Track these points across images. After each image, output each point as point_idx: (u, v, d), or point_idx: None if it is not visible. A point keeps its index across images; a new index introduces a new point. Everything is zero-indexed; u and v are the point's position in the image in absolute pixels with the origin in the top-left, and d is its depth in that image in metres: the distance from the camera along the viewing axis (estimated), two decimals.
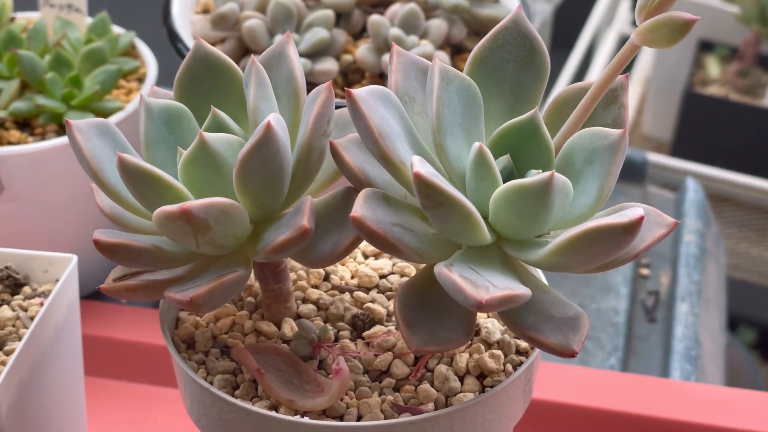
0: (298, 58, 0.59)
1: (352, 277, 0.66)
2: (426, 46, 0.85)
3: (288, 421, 0.55)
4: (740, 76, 1.81)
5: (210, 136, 0.55)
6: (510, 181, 0.53)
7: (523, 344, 0.61)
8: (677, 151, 1.83)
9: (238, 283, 0.56)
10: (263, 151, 0.53)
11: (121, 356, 0.87)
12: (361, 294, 0.64)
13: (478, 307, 0.50)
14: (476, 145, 0.53)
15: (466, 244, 0.55)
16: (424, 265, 0.58)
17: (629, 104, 1.89)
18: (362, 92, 0.54)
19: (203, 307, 0.55)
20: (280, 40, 0.60)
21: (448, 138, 0.55)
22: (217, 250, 0.56)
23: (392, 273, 0.66)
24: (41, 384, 0.67)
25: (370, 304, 0.63)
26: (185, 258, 0.58)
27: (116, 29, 0.95)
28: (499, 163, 0.55)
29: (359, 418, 0.57)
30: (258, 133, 0.53)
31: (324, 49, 0.85)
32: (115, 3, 1.18)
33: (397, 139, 0.54)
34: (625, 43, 0.55)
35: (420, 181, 0.50)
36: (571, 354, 0.53)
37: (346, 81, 0.86)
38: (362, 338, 0.61)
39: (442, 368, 0.59)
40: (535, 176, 0.52)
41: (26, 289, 0.71)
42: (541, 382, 0.85)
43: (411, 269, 0.66)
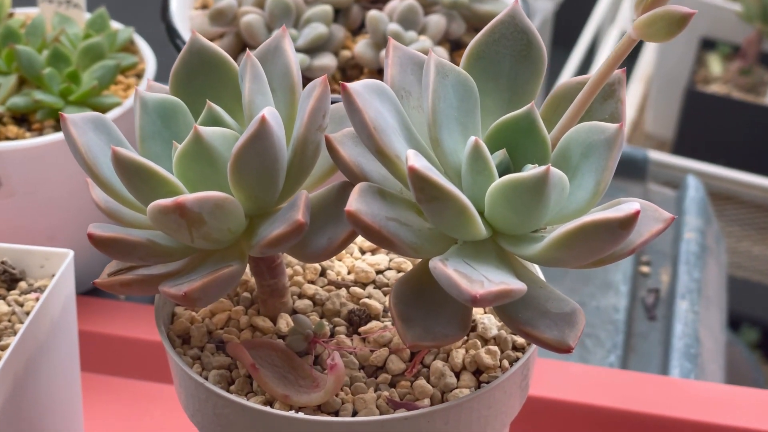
0: (294, 53, 0.59)
1: (348, 273, 0.66)
2: (425, 41, 0.84)
3: (283, 417, 0.55)
4: (742, 74, 1.80)
5: (205, 129, 0.55)
6: (506, 175, 0.53)
7: (520, 340, 0.61)
8: (679, 149, 1.83)
9: (233, 277, 0.55)
10: (258, 144, 0.53)
11: (118, 352, 0.87)
12: (357, 289, 0.64)
13: (473, 301, 0.49)
14: (472, 139, 0.53)
15: (461, 239, 0.55)
16: (420, 260, 0.57)
17: (631, 102, 1.87)
18: (357, 86, 0.54)
19: (198, 301, 0.55)
20: (275, 34, 0.60)
21: (443, 132, 0.55)
22: (212, 245, 0.56)
23: (389, 269, 0.66)
24: (37, 379, 0.67)
25: (366, 300, 0.63)
26: (180, 252, 0.57)
27: (115, 25, 0.95)
28: (495, 158, 0.55)
29: (354, 414, 0.57)
30: (252, 127, 0.53)
31: (322, 45, 0.85)
32: None
33: (393, 133, 0.54)
34: None
35: (414, 174, 0.50)
36: (567, 349, 0.53)
37: (345, 76, 0.86)
38: (358, 334, 0.61)
39: (438, 364, 0.59)
40: (530, 170, 0.51)
41: (22, 284, 0.70)
42: (541, 379, 0.85)
43: (408, 265, 0.66)
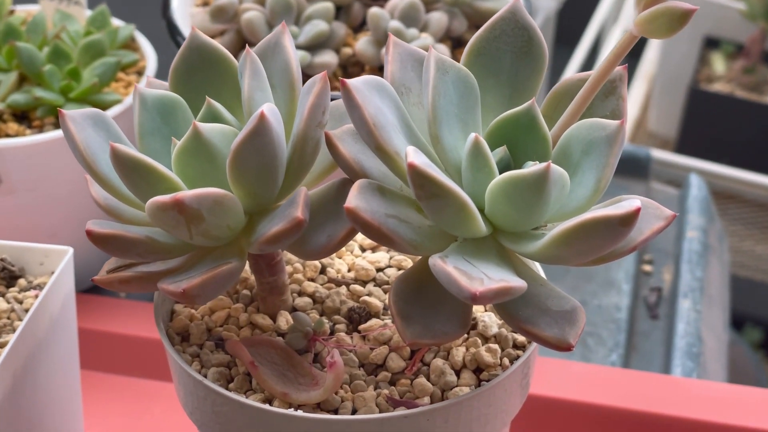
0: (294, 49, 0.59)
1: (348, 270, 0.65)
2: (426, 39, 0.84)
3: (282, 415, 0.55)
4: (746, 73, 1.80)
5: (204, 126, 0.55)
6: (506, 172, 0.52)
7: (521, 338, 0.61)
8: (682, 148, 1.82)
9: (232, 274, 0.55)
10: (257, 141, 0.53)
11: (117, 350, 0.87)
12: (357, 287, 0.63)
13: (473, 299, 0.49)
14: (472, 135, 0.53)
15: (461, 237, 0.54)
16: (420, 258, 0.57)
17: (634, 101, 1.86)
18: (357, 82, 0.53)
19: (196, 298, 0.54)
20: (275, 30, 0.59)
21: (444, 129, 0.55)
22: (211, 242, 0.56)
23: (389, 266, 0.65)
24: (36, 377, 0.66)
25: (366, 298, 0.62)
26: (179, 249, 0.57)
27: (116, 22, 0.95)
28: (496, 155, 0.55)
29: (354, 412, 0.57)
30: (251, 123, 0.52)
31: (323, 42, 0.85)
32: None
33: (393, 130, 0.54)
34: None
35: (414, 171, 0.49)
36: (567, 347, 0.53)
37: (346, 74, 0.86)
38: (358, 332, 0.61)
39: (438, 362, 0.59)
40: (531, 167, 0.51)
41: (21, 282, 0.70)
42: (542, 378, 0.85)
43: (408, 263, 0.65)
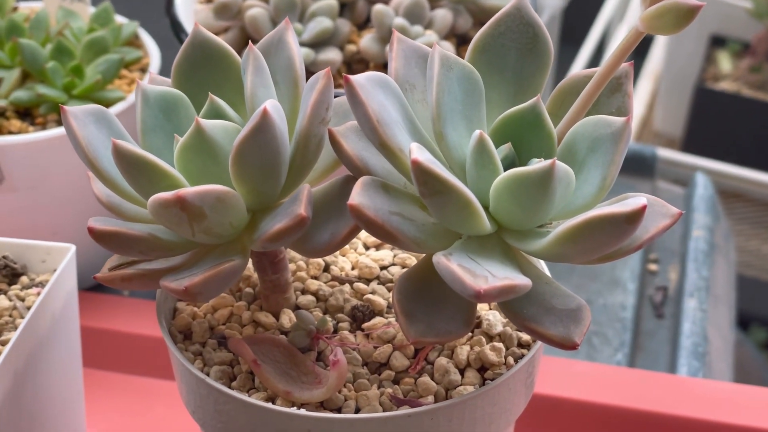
0: (298, 45, 0.58)
1: (352, 268, 0.65)
2: (431, 36, 0.84)
3: (285, 413, 0.55)
4: (752, 72, 1.79)
5: (206, 122, 0.54)
6: (511, 169, 0.52)
7: (526, 337, 0.60)
8: (688, 147, 1.82)
9: (235, 272, 0.55)
10: (259, 137, 0.52)
11: (120, 348, 0.87)
12: (361, 285, 0.63)
13: (477, 297, 0.49)
14: (477, 132, 0.52)
15: (465, 234, 0.54)
16: (424, 256, 0.57)
17: (640, 100, 1.87)
18: (361, 78, 0.53)
19: (199, 296, 0.54)
20: (279, 26, 0.59)
21: (448, 126, 0.54)
22: (214, 239, 0.55)
23: (393, 264, 0.65)
24: (37, 374, 0.66)
25: (370, 296, 0.62)
26: (181, 247, 0.57)
27: (119, 19, 0.94)
28: (501, 152, 0.54)
29: (357, 411, 0.56)
30: (254, 120, 0.52)
31: (327, 39, 0.85)
32: None
33: (396, 127, 0.53)
34: None
35: (418, 168, 0.49)
36: (572, 346, 0.52)
37: (350, 71, 0.85)
38: (362, 330, 0.60)
39: (442, 361, 0.58)
40: (536, 164, 0.51)
41: (24, 279, 0.70)
42: (547, 377, 0.84)
43: (412, 261, 0.65)
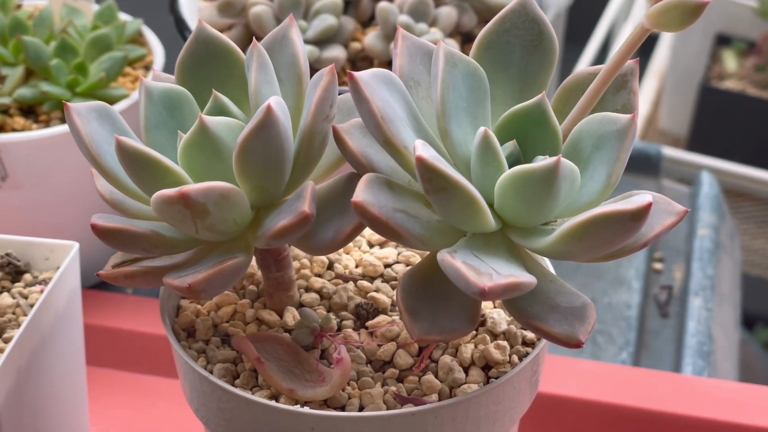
0: (302, 42, 0.58)
1: (356, 266, 0.65)
2: (435, 33, 0.83)
3: (288, 411, 0.54)
4: (757, 71, 1.79)
5: (210, 119, 0.54)
6: (516, 166, 0.52)
7: (530, 335, 0.60)
8: (693, 145, 1.82)
9: (238, 269, 0.55)
10: (263, 134, 0.52)
11: (124, 346, 0.86)
12: (365, 283, 0.63)
13: (481, 294, 0.48)
14: (481, 129, 0.52)
15: (470, 232, 0.54)
16: (428, 253, 0.56)
17: (646, 99, 1.86)
18: (365, 75, 0.53)
19: (202, 293, 0.54)
20: (283, 23, 0.59)
21: (452, 123, 0.54)
22: (217, 236, 0.55)
23: (397, 262, 0.65)
24: (40, 372, 0.66)
25: (374, 294, 0.62)
26: (185, 244, 0.57)
27: (123, 16, 0.94)
28: (505, 149, 0.54)
29: (361, 409, 0.56)
30: (258, 116, 0.52)
31: (332, 37, 0.84)
32: None
33: (401, 123, 0.53)
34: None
35: (422, 164, 0.49)
36: (577, 344, 0.52)
37: (355, 69, 0.85)
38: (365, 328, 0.60)
39: (446, 359, 0.58)
40: (541, 162, 0.50)
41: (27, 277, 0.70)
42: (552, 376, 0.84)
43: (416, 258, 0.65)
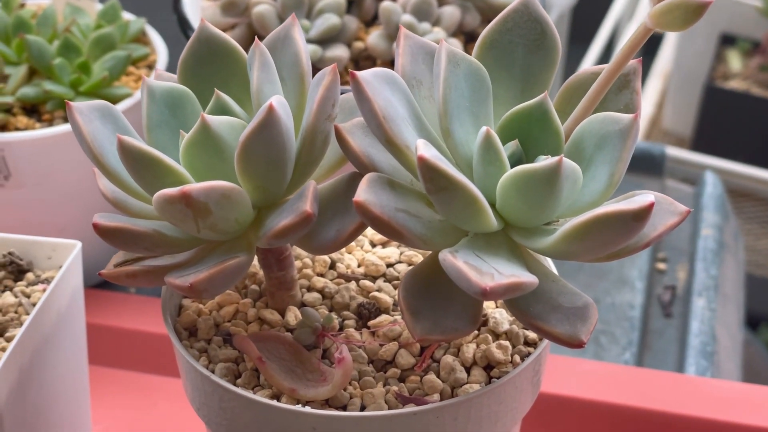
0: (304, 41, 0.58)
1: (358, 266, 0.65)
2: (438, 33, 0.83)
3: (289, 411, 0.54)
4: (762, 71, 1.79)
5: (212, 118, 0.54)
6: (518, 166, 0.51)
7: (532, 335, 0.60)
8: (698, 146, 1.81)
9: (240, 269, 0.55)
10: (265, 133, 0.52)
11: (126, 345, 0.86)
12: (367, 283, 0.63)
13: (483, 294, 0.48)
14: (483, 129, 0.52)
15: (472, 231, 0.54)
16: (430, 253, 0.56)
17: (650, 99, 1.86)
18: (367, 74, 0.53)
19: (204, 292, 0.54)
20: (285, 22, 0.59)
21: (455, 122, 0.54)
22: (219, 236, 0.55)
23: (399, 262, 0.65)
24: (42, 371, 0.66)
25: (376, 293, 0.62)
26: (187, 243, 0.57)
27: (127, 16, 0.94)
28: (508, 149, 0.54)
29: (363, 409, 0.56)
30: (260, 116, 0.52)
31: (335, 36, 0.84)
32: None
33: (403, 123, 0.53)
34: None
35: (424, 164, 0.49)
36: (579, 344, 0.52)
37: (357, 68, 0.85)
38: (368, 327, 0.60)
39: (448, 359, 0.58)
40: (543, 161, 0.50)
41: (29, 276, 0.70)
42: (554, 376, 0.84)
43: (418, 258, 0.65)
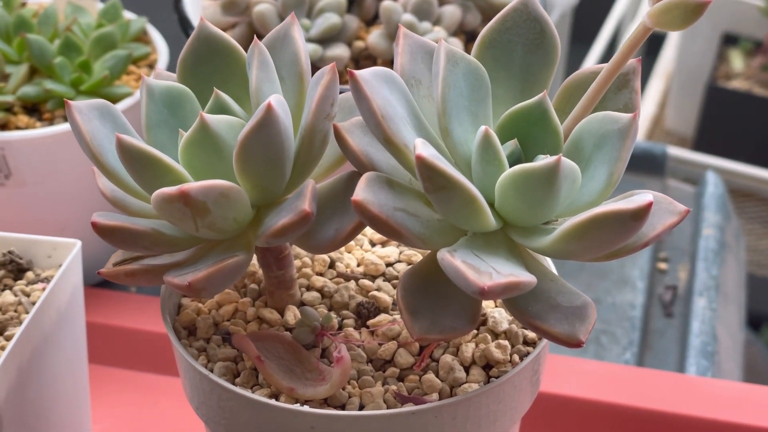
0: (303, 40, 0.58)
1: (358, 265, 0.65)
2: (439, 32, 0.83)
3: (288, 410, 0.54)
4: (764, 70, 1.78)
5: (211, 117, 0.54)
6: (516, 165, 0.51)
7: (531, 335, 0.60)
8: (700, 145, 1.81)
9: (239, 268, 0.55)
10: (263, 132, 0.52)
11: (126, 344, 0.86)
12: (366, 282, 0.63)
13: (481, 293, 0.48)
14: (482, 128, 0.52)
15: (471, 231, 0.54)
16: (429, 252, 0.56)
17: (652, 99, 1.86)
18: (366, 73, 0.53)
19: (202, 291, 0.54)
20: (284, 21, 0.59)
21: (453, 121, 0.54)
22: (218, 235, 0.55)
23: (399, 261, 0.65)
24: (42, 370, 0.66)
25: (375, 293, 0.62)
26: (186, 242, 0.57)
27: (128, 15, 0.94)
28: (506, 148, 0.54)
29: (361, 408, 0.56)
30: (258, 114, 0.52)
31: (335, 35, 0.84)
32: None
33: (401, 122, 0.53)
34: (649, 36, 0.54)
35: (422, 163, 0.49)
36: (577, 344, 0.52)
37: (358, 67, 0.85)
38: (367, 327, 0.60)
39: (447, 358, 0.58)
40: (541, 161, 0.50)
41: (29, 274, 0.70)
42: (555, 376, 0.84)
43: (418, 257, 0.65)
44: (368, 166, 0.55)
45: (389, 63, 0.84)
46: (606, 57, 1.84)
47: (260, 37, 0.85)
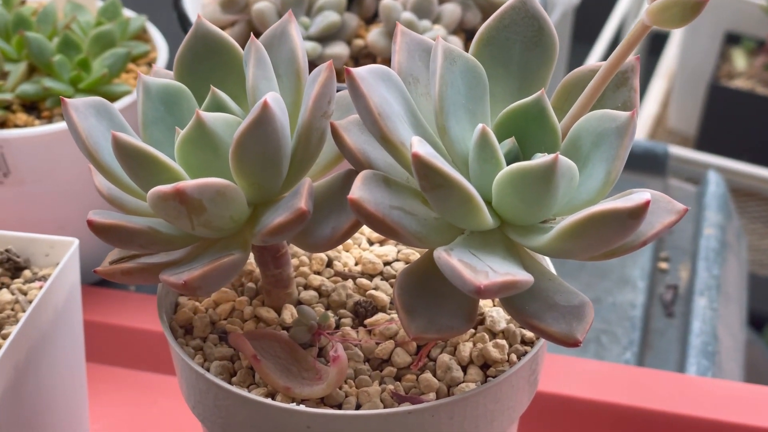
0: (301, 38, 0.58)
1: (355, 264, 0.64)
2: (438, 30, 0.83)
3: (284, 409, 0.54)
4: (767, 70, 1.78)
5: (207, 115, 0.54)
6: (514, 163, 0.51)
7: (529, 334, 0.60)
8: (702, 145, 1.81)
9: (235, 266, 0.54)
10: (260, 130, 0.52)
11: (124, 343, 0.86)
12: (364, 281, 0.63)
13: (477, 292, 0.48)
14: (480, 126, 0.52)
15: (468, 229, 0.53)
16: (426, 251, 0.56)
17: (654, 98, 1.85)
18: (362, 71, 0.53)
19: (198, 290, 0.54)
20: (282, 19, 0.58)
21: (451, 120, 0.54)
22: (214, 233, 0.55)
23: (397, 260, 0.65)
24: (39, 369, 0.66)
25: (372, 292, 0.62)
26: (182, 241, 0.56)
27: (127, 13, 0.94)
28: (504, 146, 0.54)
29: (358, 407, 0.56)
30: (254, 112, 0.51)
31: (335, 33, 0.84)
32: None
33: (398, 120, 0.53)
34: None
35: (418, 161, 0.48)
36: (574, 343, 0.51)
37: (357, 66, 0.85)
38: (364, 326, 0.60)
39: (444, 357, 0.58)
40: (539, 159, 0.50)
41: (26, 273, 0.69)
42: (555, 376, 0.84)
43: (416, 256, 0.64)
44: (365, 164, 0.55)
45: (389, 61, 0.84)
46: (608, 56, 1.84)
47: (259, 36, 0.85)
